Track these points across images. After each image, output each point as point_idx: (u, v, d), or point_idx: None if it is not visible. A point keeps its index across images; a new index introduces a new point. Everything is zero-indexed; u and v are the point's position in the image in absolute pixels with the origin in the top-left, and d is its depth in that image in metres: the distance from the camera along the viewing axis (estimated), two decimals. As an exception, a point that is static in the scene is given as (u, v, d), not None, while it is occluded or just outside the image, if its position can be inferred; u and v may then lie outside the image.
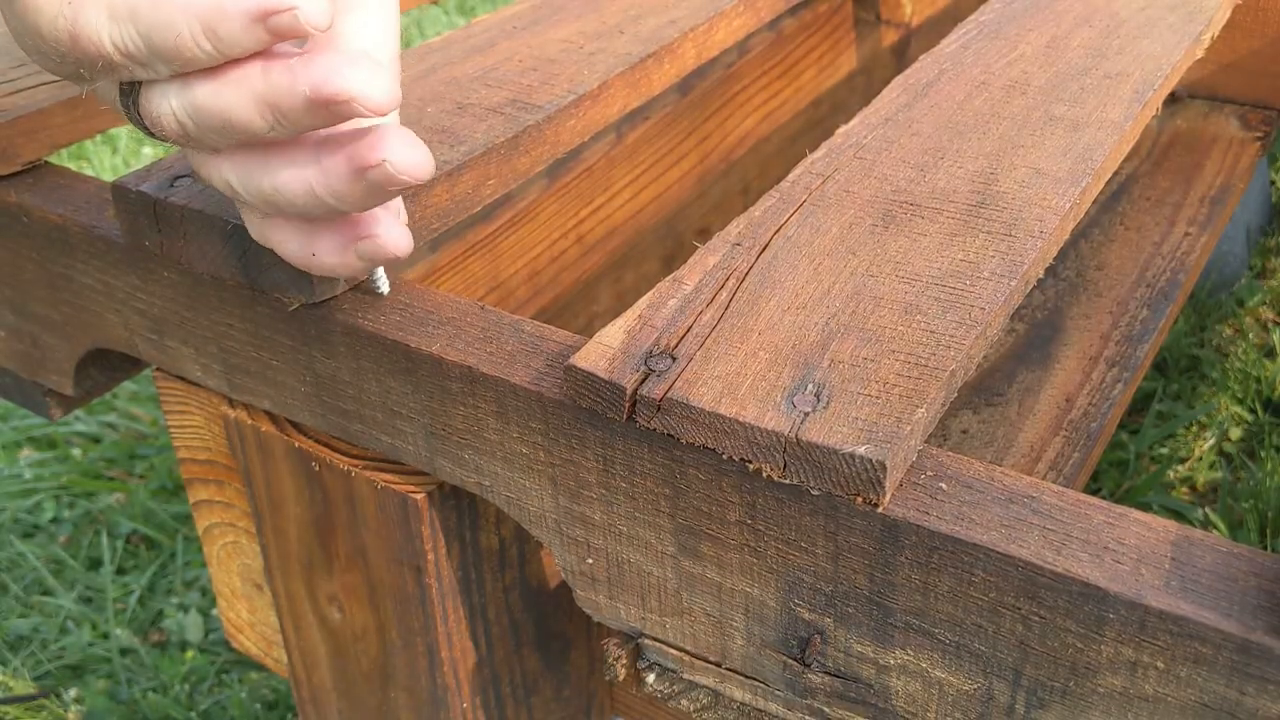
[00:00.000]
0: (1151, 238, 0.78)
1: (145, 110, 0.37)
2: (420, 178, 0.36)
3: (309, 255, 0.40)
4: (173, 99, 0.36)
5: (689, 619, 0.44)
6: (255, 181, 0.38)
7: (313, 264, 0.41)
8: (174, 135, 0.37)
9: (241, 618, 0.70)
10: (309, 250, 0.40)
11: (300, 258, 0.41)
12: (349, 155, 0.36)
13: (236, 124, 0.35)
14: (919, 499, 0.37)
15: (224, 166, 0.38)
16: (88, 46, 0.35)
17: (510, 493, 0.46)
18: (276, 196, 0.38)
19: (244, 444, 0.57)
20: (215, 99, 0.35)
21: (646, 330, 0.41)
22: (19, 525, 1.34)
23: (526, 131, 0.56)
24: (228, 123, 0.35)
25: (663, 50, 0.65)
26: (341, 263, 0.41)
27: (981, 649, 0.37)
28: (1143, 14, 0.64)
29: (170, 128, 0.37)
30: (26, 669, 1.16)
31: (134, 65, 0.35)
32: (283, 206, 0.38)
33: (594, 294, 0.85)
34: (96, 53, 0.35)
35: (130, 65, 0.35)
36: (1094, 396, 0.65)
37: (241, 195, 0.39)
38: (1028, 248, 0.45)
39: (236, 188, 0.39)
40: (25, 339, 0.64)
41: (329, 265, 0.41)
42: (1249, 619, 0.33)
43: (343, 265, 0.41)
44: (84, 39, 0.34)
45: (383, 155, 0.35)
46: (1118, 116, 0.54)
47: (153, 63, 0.35)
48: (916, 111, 0.55)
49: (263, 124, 0.35)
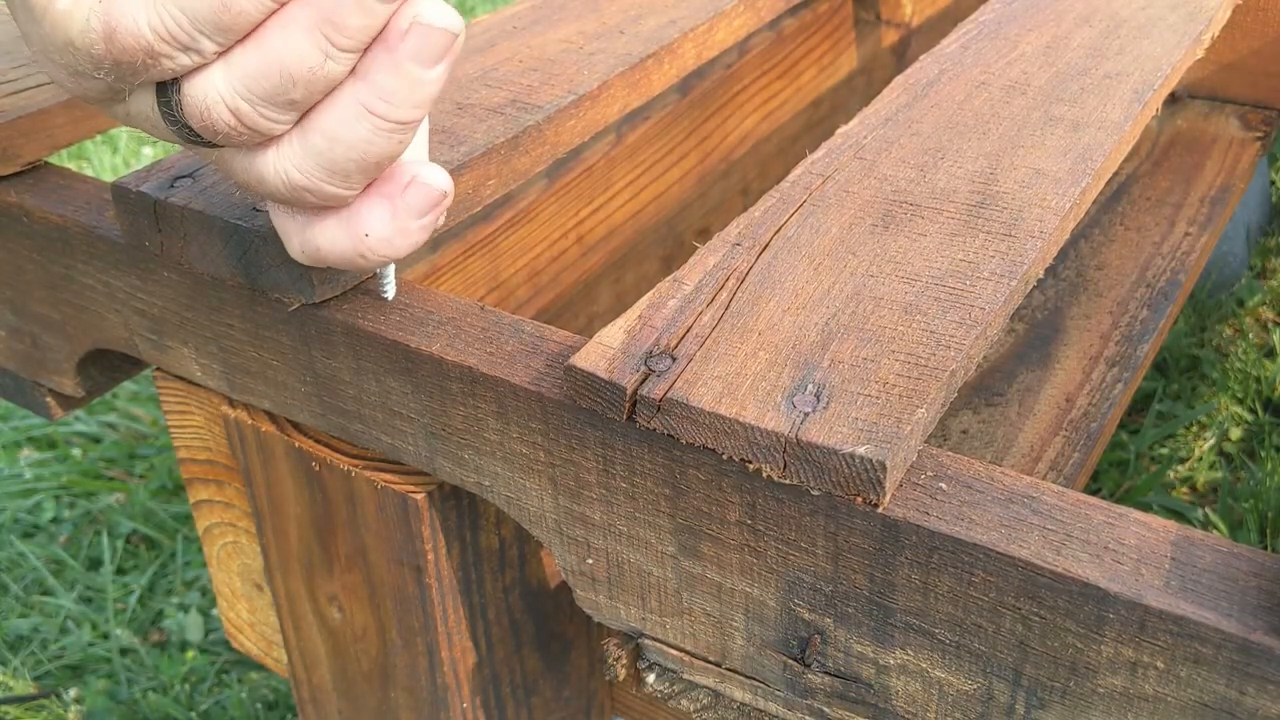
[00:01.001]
0: (1152, 238, 0.78)
1: (192, 106, 0.36)
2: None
3: (361, 236, 0.39)
4: (219, 81, 0.35)
5: (689, 619, 0.44)
6: (330, 150, 0.36)
7: (364, 245, 0.40)
8: (225, 125, 0.36)
9: (242, 618, 0.70)
10: (360, 231, 0.39)
11: (350, 244, 0.40)
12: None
13: (293, 68, 0.34)
14: (919, 499, 0.37)
15: (285, 151, 0.37)
16: (126, 40, 0.33)
17: (510, 493, 0.46)
18: (342, 158, 0.37)
19: (244, 444, 0.57)
20: (265, 54, 0.34)
21: (646, 330, 0.41)
22: (19, 525, 1.34)
23: (526, 132, 0.56)
24: (284, 71, 0.34)
25: (663, 50, 0.65)
26: (396, 234, 0.39)
27: (981, 649, 0.37)
28: (1143, 14, 0.64)
29: (221, 119, 0.35)
30: (26, 669, 1.16)
31: (177, 50, 0.34)
32: (341, 173, 0.37)
33: (594, 294, 0.85)
34: (136, 45, 0.33)
35: (173, 51, 0.34)
36: (1094, 396, 0.65)
37: (300, 182, 0.37)
38: (1028, 248, 0.45)
39: (296, 174, 0.37)
40: (25, 339, 0.64)
41: (382, 240, 0.39)
42: (1249, 619, 0.33)
43: (398, 235, 0.39)
44: (121, 33, 0.33)
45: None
46: (1118, 117, 0.54)
47: (197, 39, 0.34)
48: (917, 111, 0.55)
49: (319, 54, 0.34)
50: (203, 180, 0.51)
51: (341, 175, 0.37)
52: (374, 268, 0.42)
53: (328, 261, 0.41)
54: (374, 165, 0.37)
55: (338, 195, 0.38)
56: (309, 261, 0.42)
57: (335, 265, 0.41)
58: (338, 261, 0.41)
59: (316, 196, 0.38)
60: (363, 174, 0.37)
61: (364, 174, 0.37)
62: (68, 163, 2.02)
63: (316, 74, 0.35)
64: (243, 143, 0.37)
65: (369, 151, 0.36)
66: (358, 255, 0.40)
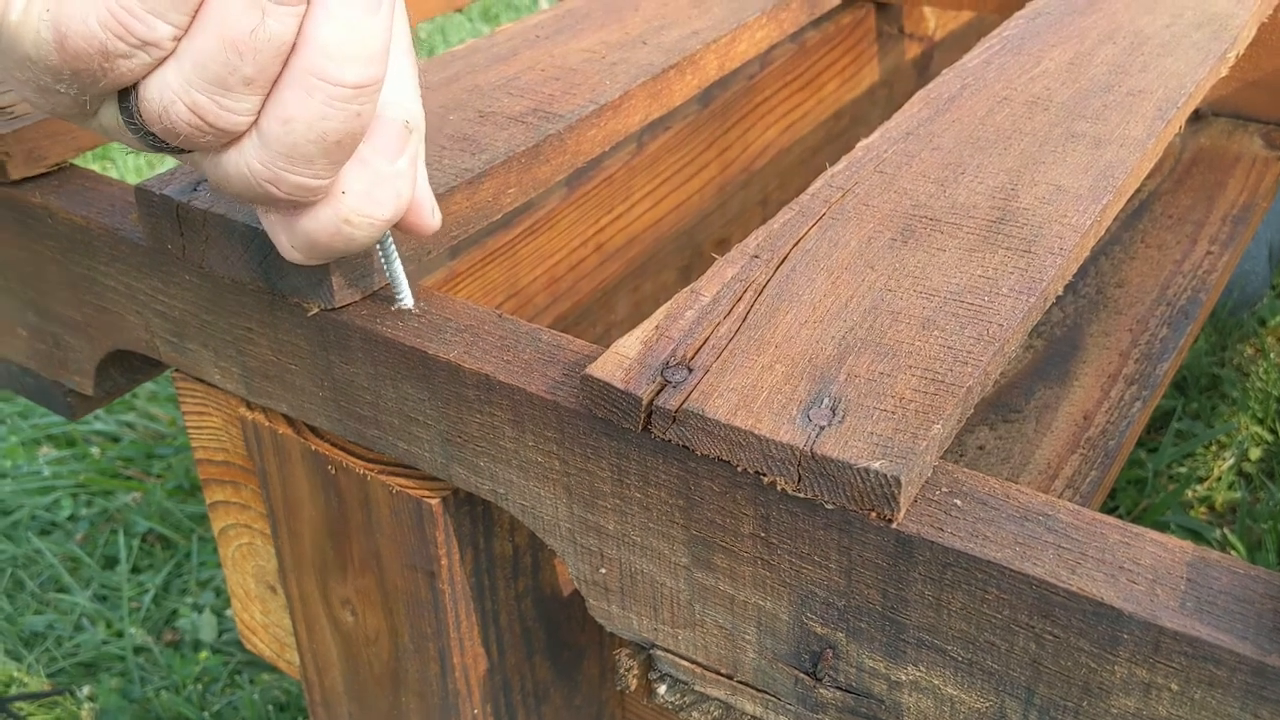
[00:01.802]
0: (1173, 256, 0.78)
1: (150, 110, 0.35)
2: None
3: (339, 198, 0.39)
4: (173, 79, 0.35)
5: (701, 631, 0.44)
6: (288, 134, 0.36)
7: (346, 208, 0.39)
8: (185, 125, 0.35)
9: (255, 619, 0.70)
10: (338, 192, 0.39)
11: (332, 214, 0.39)
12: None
13: (235, 35, 0.33)
14: (933, 515, 0.37)
15: (246, 146, 0.37)
16: (78, 44, 0.33)
17: (525, 501, 0.47)
18: (301, 140, 0.36)
19: (261, 446, 0.57)
20: (206, 29, 0.34)
21: (663, 341, 0.41)
22: (36, 522, 1.35)
23: (547, 140, 0.56)
24: (228, 41, 0.34)
25: (685, 61, 0.65)
26: (373, 184, 0.39)
27: (994, 667, 0.37)
28: (1167, 31, 0.64)
29: (180, 118, 0.35)
30: (41, 665, 1.17)
31: (131, 46, 0.33)
32: (302, 158, 0.36)
33: (612, 303, 0.85)
34: (88, 47, 0.33)
35: (127, 47, 0.33)
36: (1112, 414, 0.64)
37: (262, 173, 0.37)
38: (1047, 264, 0.44)
39: (258, 165, 0.37)
40: (47, 339, 0.65)
41: (361, 195, 0.39)
42: (1265, 642, 0.32)
43: (375, 185, 0.39)
44: (72, 36, 0.33)
45: None
46: (1140, 134, 0.53)
47: (152, 26, 0.33)
48: (938, 126, 0.55)
49: (255, 12, 0.33)
50: (225, 184, 0.51)
51: (304, 160, 0.36)
52: (366, 238, 0.40)
53: (320, 248, 0.40)
54: (335, 145, 0.36)
55: (303, 185, 0.37)
56: (304, 256, 0.41)
57: (328, 249, 0.40)
58: (328, 242, 0.40)
59: (283, 189, 0.37)
60: (325, 157, 0.37)
61: (326, 156, 0.37)
62: (92, 163, 2.04)
63: (259, 37, 0.34)
64: (207, 144, 0.37)
65: (326, 129, 0.36)
66: (343, 223, 0.39)
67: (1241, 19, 0.65)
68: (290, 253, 0.42)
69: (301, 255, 0.41)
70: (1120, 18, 0.66)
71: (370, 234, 0.40)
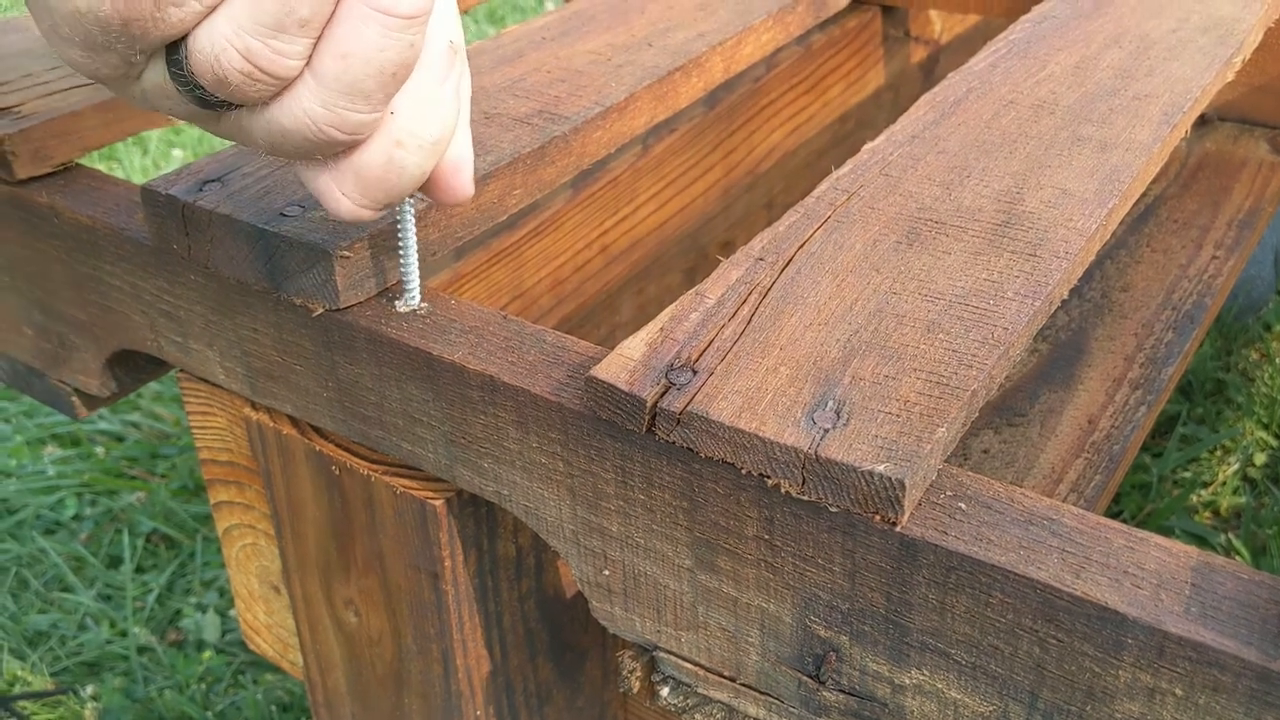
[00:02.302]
0: (1178, 260, 0.78)
1: (201, 61, 0.35)
2: None
3: (389, 119, 0.39)
4: (224, 26, 0.34)
5: (704, 633, 0.44)
6: (346, 70, 0.36)
7: (396, 129, 0.39)
8: (237, 72, 0.35)
9: (259, 619, 0.70)
10: (388, 114, 0.38)
11: (385, 140, 0.39)
12: None
13: None
14: (938, 518, 0.37)
15: (301, 91, 0.36)
16: None
17: (528, 502, 0.47)
18: (359, 74, 0.36)
19: (265, 446, 0.57)
20: None
21: (668, 343, 0.41)
22: (41, 521, 1.35)
23: (553, 142, 0.57)
24: None
25: (690, 64, 0.65)
26: (424, 96, 0.39)
27: (998, 671, 0.37)
28: (1173, 35, 0.64)
29: (232, 65, 0.35)
30: (45, 665, 1.17)
31: None
32: (361, 93, 0.36)
33: (616, 305, 0.85)
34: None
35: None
36: (1117, 419, 0.64)
37: (324, 117, 0.37)
38: (1053, 268, 0.44)
39: (318, 109, 0.36)
40: (53, 338, 0.65)
41: (414, 107, 0.39)
42: (1270, 648, 0.32)
43: (426, 99, 0.39)
44: None
45: None
46: (1146, 138, 0.53)
47: None
48: (943, 129, 0.55)
49: None
50: (231, 185, 0.51)
51: (362, 96, 0.36)
52: (417, 167, 0.40)
53: (372, 185, 0.40)
54: (391, 77, 0.36)
55: (362, 122, 0.37)
56: (355, 202, 0.40)
57: (381, 185, 0.40)
58: (381, 175, 0.40)
59: (343, 130, 0.37)
60: (382, 90, 0.37)
61: (383, 89, 0.37)
62: (98, 164, 2.05)
63: None
64: (258, 93, 0.36)
65: (384, 60, 0.36)
66: (395, 146, 0.39)
67: (1248, 23, 0.65)
68: (340, 202, 0.41)
69: (352, 202, 0.41)
70: (1126, 22, 0.66)
71: (420, 160, 0.40)
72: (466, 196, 0.43)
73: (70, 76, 0.66)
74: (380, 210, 0.41)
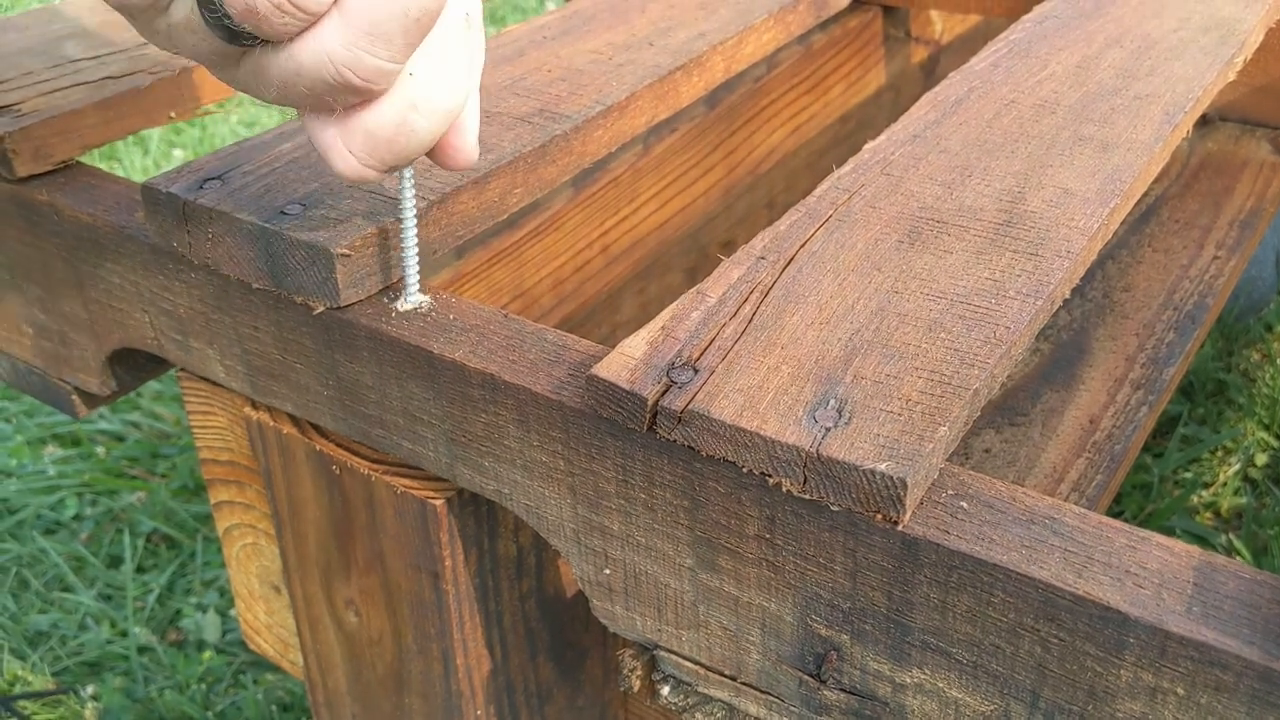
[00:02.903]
0: (1180, 260, 0.78)
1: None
2: None
3: (408, 78, 0.39)
4: None
5: (705, 632, 0.44)
6: (362, 8, 0.36)
7: (412, 88, 0.39)
8: (265, 3, 0.35)
9: (259, 619, 0.70)
10: (406, 73, 0.39)
11: (401, 99, 0.39)
12: None
13: None
14: (939, 517, 0.37)
15: (325, 28, 0.37)
16: None
17: (529, 501, 0.46)
18: (384, 15, 0.36)
19: (265, 446, 0.57)
20: None
21: (669, 342, 0.41)
22: (41, 521, 1.35)
23: (554, 141, 0.56)
24: None
25: (691, 63, 0.65)
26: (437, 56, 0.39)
27: (999, 670, 0.37)
28: (1175, 36, 0.64)
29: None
30: (45, 664, 1.17)
31: None
32: (383, 36, 0.36)
33: (617, 304, 0.85)
34: None
35: None
36: (1118, 419, 0.64)
37: (344, 57, 0.37)
38: (1054, 268, 0.44)
39: (339, 49, 0.37)
40: (53, 337, 0.65)
41: (431, 65, 0.39)
42: (1272, 647, 0.32)
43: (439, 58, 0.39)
44: None
45: None
46: (1147, 138, 0.53)
47: None
48: (945, 129, 0.55)
49: None
50: (231, 182, 0.51)
51: (384, 39, 0.37)
52: (427, 132, 0.40)
53: (381, 146, 0.40)
54: (415, 23, 0.37)
55: (380, 70, 0.37)
56: (361, 161, 0.40)
57: (389, 147, 0.40)
58: (391, 137, 0.40)
59: (359, 74, 0.37)
60: (404, 35, 0.37)
61: (404, 35, 0.37)
62: (99, 163, 2.05)
63: None
64: (284, 26, 0.36)
65: (408, 2, 0.36)
66: (409, 109, 0.39)
67: (1249, 24, 0.65)
68: (346, 160, 0.41)
69: (358, 160, 0.41)
70: (1128, 22, 0.66)
71: (431, 125, 0.40)
72: (470, 160, 0.43)
73: (70, 75, 0.66)
74: (384, 172, 0.41)
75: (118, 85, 0.65)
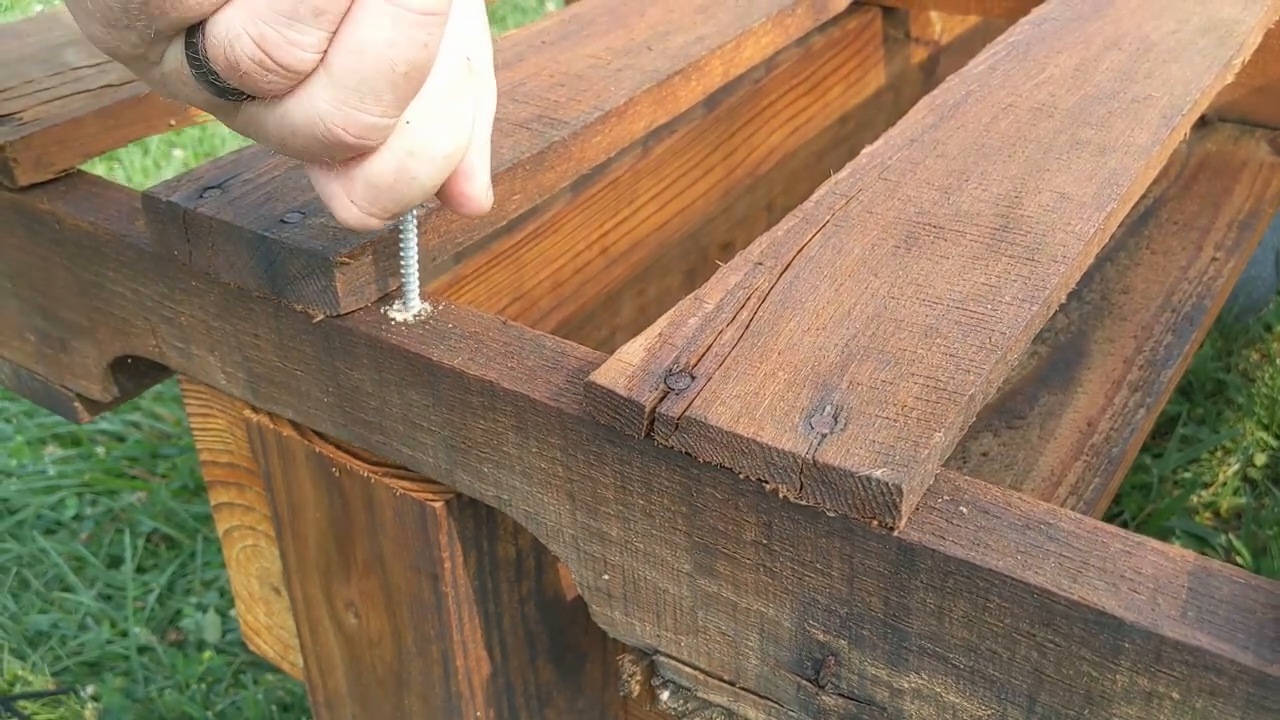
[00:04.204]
0: (1178, 262, 0.78)
1: (215, 46, 0.35)
2: None
3: (405, 128, 0.39)
4: (239, 8, 0.35)
5: (704, 637, 0.44)
6: (358, 63, 0.36)
7: (410, 135, 0.39)
8: (250, 60, 0.35)
9: (259, 620, 0.70)
10: (403, 121, 0.39)
11: (400, 148, 0.39)
12: None
13: None
14: (935, 523, 0.37)
15: (313, 87, 0.36)
16: None
17: (528, 507, 0.47)
18: (370, 71, 0.36)
19: (266, 448, 0.57)
20: None
21: (667, 348, 0.42)
22: (41, 521, 1.35)
23: (553, 147, 0.57)
24: None
25: (690, 68, 0.65)
26: (438, 110, 0.39)
27: (996, 675, 0.37)
28: (1173, 38, 0.64)
29: (245, 52, 0.35)
30: (46, 664, 1.17)
31: None
32: (372, 93, 0.36)
33: (616, 306, 0.85)
34: None
35: None
36: (1116, 421, 0.64)
37: (333, 115, 0.37)
38: (1051, 272, 0.45)
39: (327, 106, 0.37)
40: (55, 344, 0.65)
41: (428, 113, 0.39)
42: (1266, 651, 0.33)
43: (440, 113, 0.39)
44: None
45: None
46: (1145, 141, 0.53)
47: None
48: (942, 133, 0.55)
49: None
50: (232, 191, 0.51)
51: (373, 95, 0.36)
52: (428, 179, 0.40)
53: (382, 194, 0.40)
54: (402, 77, 0.36)
55: (371, 125, 0.37)
56: (363, 210, 0.40)
57: (391, 195, 0.40)
58: (392, 184, 0.40)
59: (351, 131, 0.37)
60: (392, 90, 0.37)
61: (394, 90, 0.37)
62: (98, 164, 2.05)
63: None
64: (270, 85, 0.36)
65: (395, 57, 0.36)
66: (407, 156, 0.39)
67: (1248, 25, 0.65)
68: (349, 210, 0.41)
69: (360, 210, 0.41)
70: (1126, 24, 0.66)
71: (431, 172, 0.40)
72: (482, 207, 0.43)
73: (71, 83, 0.66)
74: (388, 220, 0.41)
75: (118, 93, 0.65)
